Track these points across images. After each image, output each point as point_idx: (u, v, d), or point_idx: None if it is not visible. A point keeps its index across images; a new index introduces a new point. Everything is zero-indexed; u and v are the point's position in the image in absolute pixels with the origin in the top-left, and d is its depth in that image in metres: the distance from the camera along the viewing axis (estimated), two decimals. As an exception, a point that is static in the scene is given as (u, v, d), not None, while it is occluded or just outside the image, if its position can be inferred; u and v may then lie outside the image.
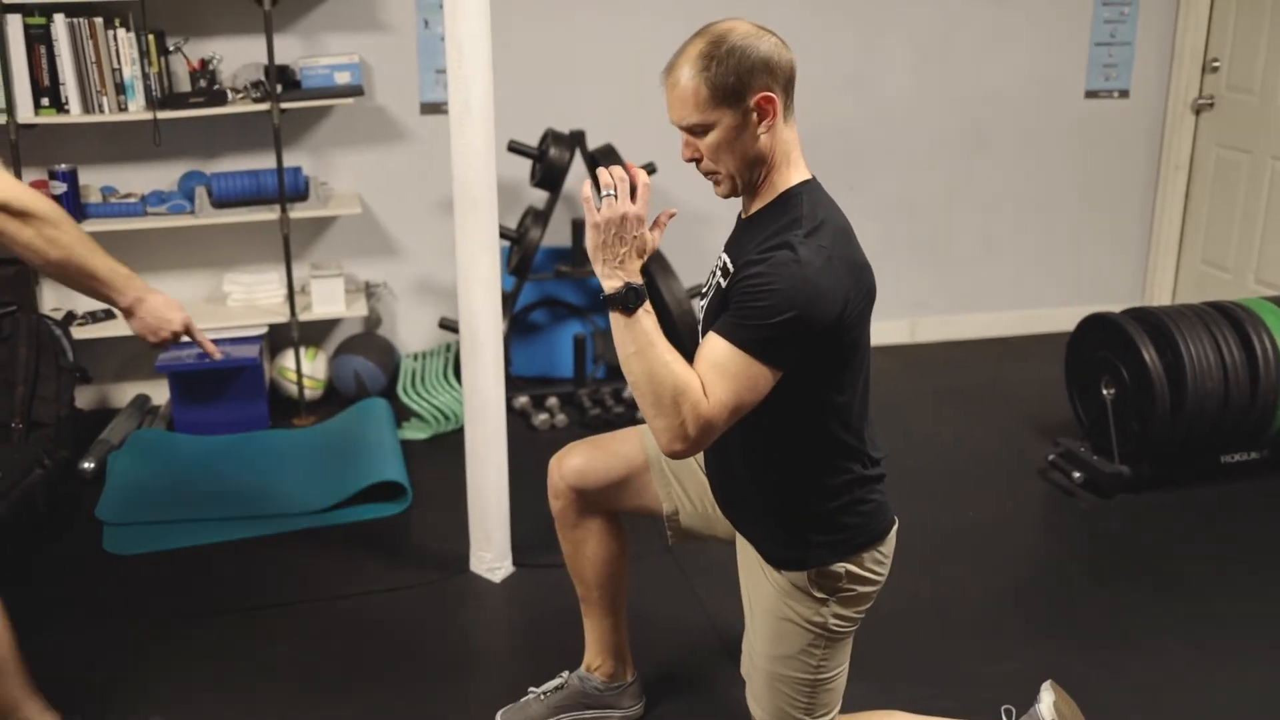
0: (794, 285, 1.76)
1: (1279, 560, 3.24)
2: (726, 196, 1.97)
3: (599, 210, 1.82)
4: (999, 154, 4.91)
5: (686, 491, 2.26)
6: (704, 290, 2.06)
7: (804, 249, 1.78)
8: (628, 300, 1.80)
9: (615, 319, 1.81)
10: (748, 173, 1.90)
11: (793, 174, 1.92)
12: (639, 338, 1.79)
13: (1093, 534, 3.39)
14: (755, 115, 1.84)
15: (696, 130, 1.87)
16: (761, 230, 1.89)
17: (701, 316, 2.02)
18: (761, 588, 2.06)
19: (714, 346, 1.80)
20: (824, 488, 1.97)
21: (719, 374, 1.78)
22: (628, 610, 2.49)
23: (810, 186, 1.92)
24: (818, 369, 1.86)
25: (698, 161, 1.92)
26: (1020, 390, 4.46)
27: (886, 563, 2.05)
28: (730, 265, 1.92)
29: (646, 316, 1.81)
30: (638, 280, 1.81)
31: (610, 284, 1.81)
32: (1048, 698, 2.36)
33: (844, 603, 2.01)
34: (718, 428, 1.79)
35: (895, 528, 2.06)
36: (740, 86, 1.82)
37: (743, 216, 2.02)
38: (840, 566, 1.98)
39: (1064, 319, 4.76)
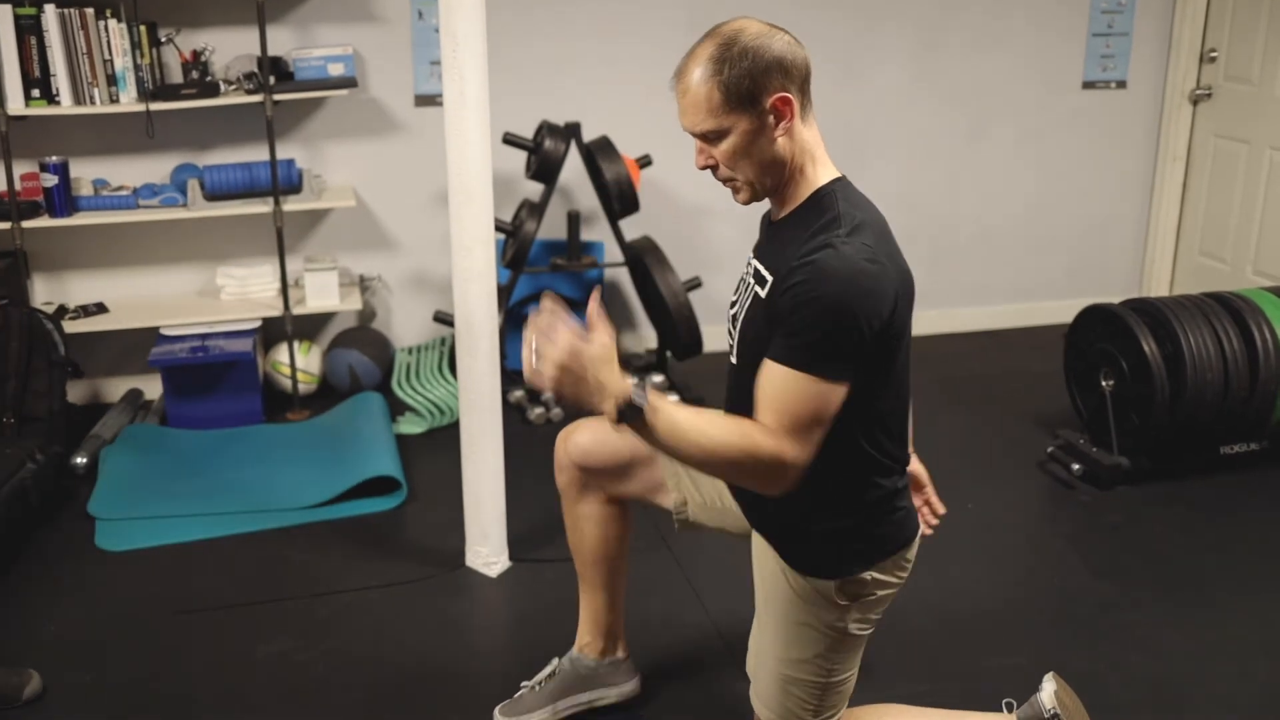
0: (845, 289, 1.69)
1: (1279, 551, 3.23)
2: (747, 204, 1.90)
3: (544, 376, 1.70)
4: (996, 145, 4.89)
5: (696, 483, 2.22)
6: (735, 298, 1.98)
7: (847, 248, 1.72)
8: (632, 415, 1.70)
9: (638, 431, 1.73)
10: (767, 178, 1.83)
11: (821, 173, 1.86)
12: (669, 433, 1.72)
13: (1092, 526, 3.38)
14: (772, 118, 1.78)
15: (710, 137, 1.80)
16: (797, 233, 1.82)
17: (737, 326, 1.94)
18: (780, 591, 2.00)
19: (777, 377, 1.72)
20: (860, 499, 1.92)
21: (788, 404, 1.71)
22: (625, 602, 2.47)
23: (842, 184, 1.86)
24: (865, 375, 1.79)
25: (713, 169, 1.85)
26: (1018, 382, 4.45)
27: (909, 567, 2.02)
28: (766, 273, 1.85)
29: (659, 412, 1.71)
30: (626, 389, 1.69)
31: (608, 409, 1.70)
32: (1049, 686, 2.35)
33: (865, 608, 1.98)
34: (806, 457, 1.73)
35: (919, 533, 2.03)
36: (755, 89, 1.75)
37: (771, 220, 1.95)
38: (868, 574, 1.94)
39: (1061, 311, 4.75)
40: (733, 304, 2.00)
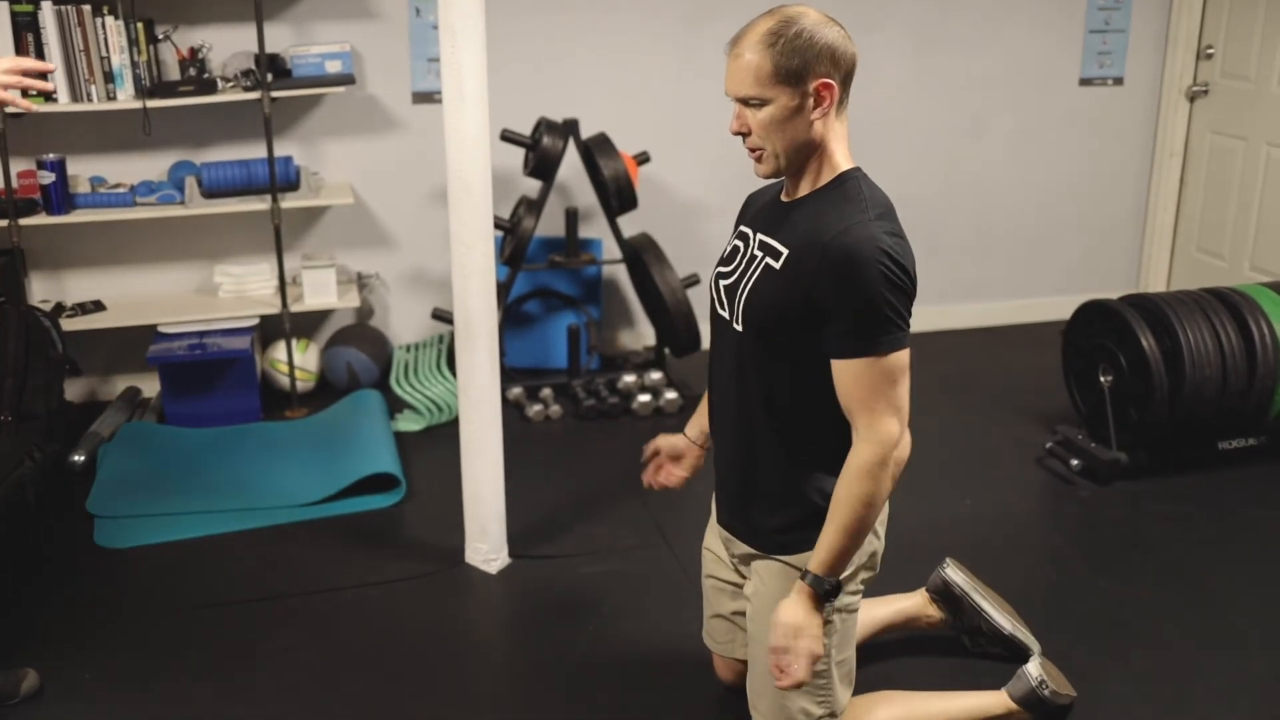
0: (896, 263, 1.84)
1: (1277, 546, 3.24)
2: (767, 176, 2.01)
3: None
4: (994, 142, 4.89)
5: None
6: (728, 270, 2.09)
7: (877, 228, 1.87)
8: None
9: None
10: (794, 155, 1.95)
11: (842, 162, 1.99)
12: (844, 562, 1.97)
13: (1091, 521, 3.39)
14: (812, 100, 1.91)
15: (752, 103, 1.92)
16: (819, 211, 1.94)
17: (740, 297, 2.03)
18: (770, 594, 2.10)
19: (859, 372, 1.86)
20: (836, 467, 2.03)
21: (884, 390, 1.86)
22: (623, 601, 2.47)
23: (861, 173, 2.00)
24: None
25: (745, 136, 1.96)
26: (1017, 379, 4.45)
27: (882, 527, 2.17)
28: (780, 246, 1.97)
29: (837, 583, 1.98)
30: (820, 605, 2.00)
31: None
32: (1034, 660, 2.47)
33: (850, 578, 2.09)
34: (900, 429, 1.91)
35: None
36: (803, 69, 1.88)
37: (784, 200, 2.06)
38: None
39: (1058, 307, 4.75)
40: (724, 275, 2.10)
